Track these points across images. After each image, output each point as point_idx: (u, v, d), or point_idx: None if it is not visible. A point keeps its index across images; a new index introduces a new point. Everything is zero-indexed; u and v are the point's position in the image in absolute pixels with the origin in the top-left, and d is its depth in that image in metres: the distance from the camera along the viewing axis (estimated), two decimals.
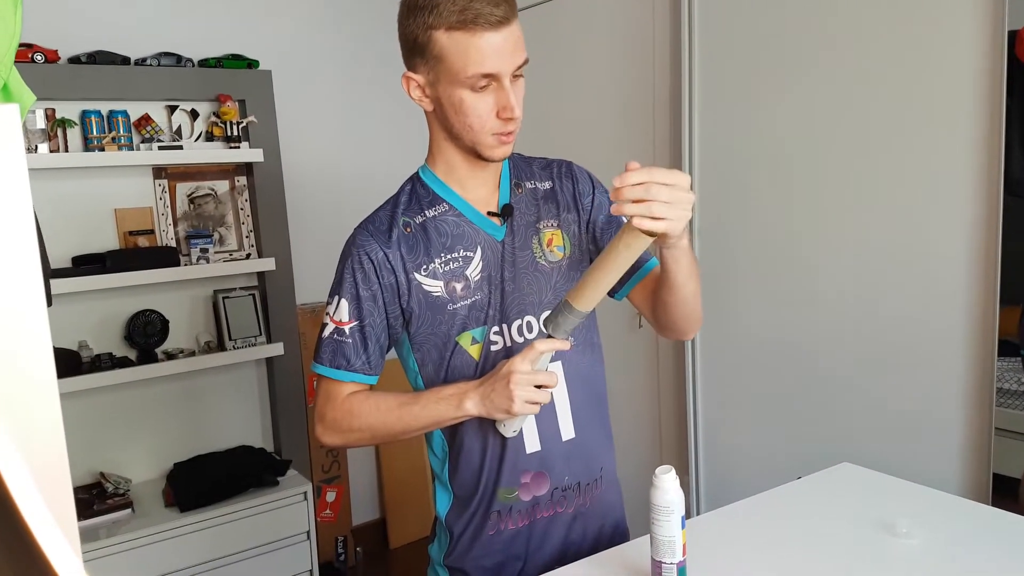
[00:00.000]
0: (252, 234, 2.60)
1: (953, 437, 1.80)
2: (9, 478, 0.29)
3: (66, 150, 2.23)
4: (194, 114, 2.46)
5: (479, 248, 1.14)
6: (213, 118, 2.46)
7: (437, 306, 1.12)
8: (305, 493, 2.46)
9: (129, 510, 2.26)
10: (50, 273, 1.28)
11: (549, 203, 1.20)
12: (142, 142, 2.34)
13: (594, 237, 1.21)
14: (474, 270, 1.13)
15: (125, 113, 2.31)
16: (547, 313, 1.12)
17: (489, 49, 1.00)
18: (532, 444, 1.17)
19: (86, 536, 2.14)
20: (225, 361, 2.49)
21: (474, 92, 1.03)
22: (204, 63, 2.44)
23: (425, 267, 1.12)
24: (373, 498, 3.06)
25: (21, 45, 2.13)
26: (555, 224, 1.19)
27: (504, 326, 1.15)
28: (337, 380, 1.13)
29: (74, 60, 2.23)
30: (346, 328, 1.12)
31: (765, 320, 2.22)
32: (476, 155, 1.11)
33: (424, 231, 1.13)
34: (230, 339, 2.50)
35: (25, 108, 1.04)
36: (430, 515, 3.26)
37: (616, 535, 1.31)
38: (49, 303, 1.26)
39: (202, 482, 2.35)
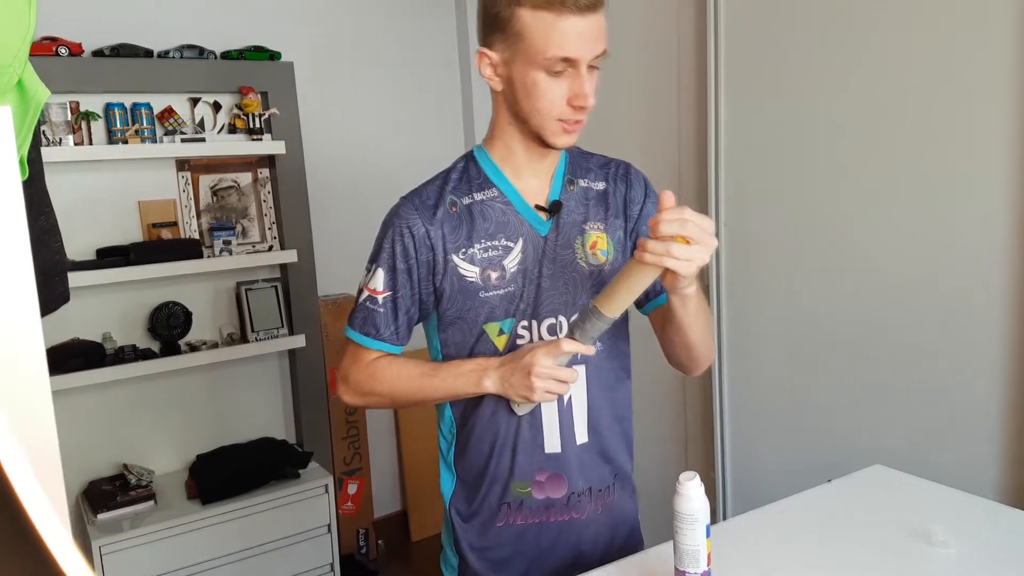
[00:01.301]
0: (275, 226, 2.60)
1: (991, 438, 1.74)
2: (15, 479, 0.29)
3: (90, 143, 2.24)
4: (217, 106, 2.46)
5: (521, 240, 1.13)
6: (235, 110, 2.45)
7: (469, 291, 1.11)
8: (326, 486, 2.46)
9: (152, 502, 2.27)
10: (67, 268, 1.27)
11: (599, 205, 1.18)
12: (165, 134, 2.34)
13: (634, 244, 1.18)
14: (512, 261, 1.12)
15: (148, 106, 2.31)
16: (575, 317, 1.11)
17: (572, 33, 1.00)
18: (552, 445, 1.16)
19: (109, 528, 2.15)
20: (248, 353, 2.49)
21: (549, 75, 1.02)
22: (226, 55, 2.43)
23: (464, 250, 1.11)
24: (394, 490, 3.06)
25: (45, 39, 2.14)
26: (601, 227, 1.17)
27: (534, 322, 1.14)
28: (365, 346, 1.15)
29: (98, 53, 2.23)
30: (379, 297, 1.13)
31: (793, 318, 2.17)
32: (540, 141, 1.09)
33: (470, 213, 1.13)
34: (252, 331, 2.50)
35: (40, 103, 1.03)
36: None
37: (630, 543, 1.29)
38: (66, 298, 1.26)
39: (224, 474, 2.36)
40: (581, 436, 1.17)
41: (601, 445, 1.20)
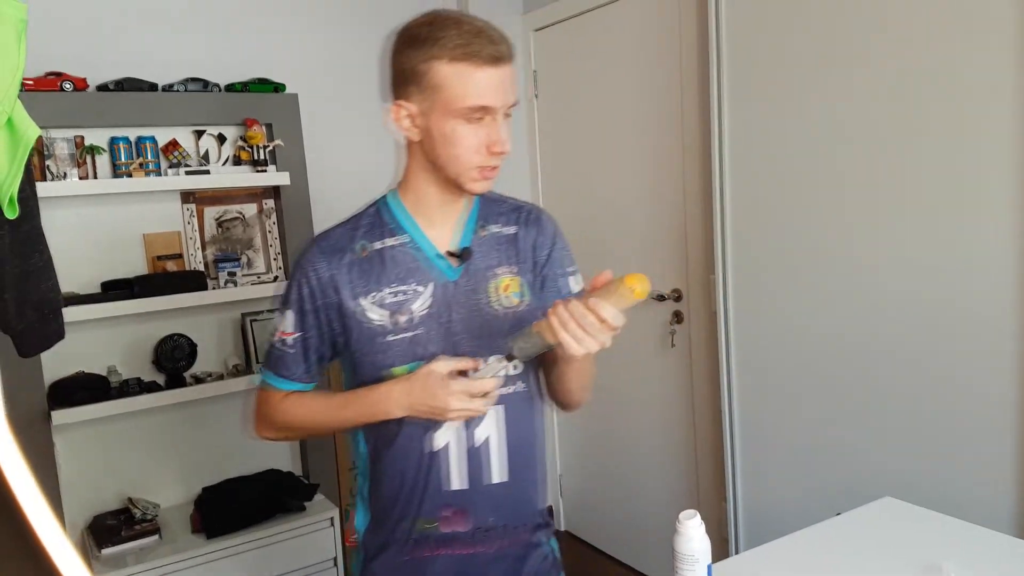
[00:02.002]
0: (280, 256, 2.60)
1: (1005, 470, 1.70)
2: (15, 487, 0.31)
3: (95, 177, 2.25)
4: (221, 138, 2.47)
5: (431, 285, 1.15)
6: (240, 142, 2.47)
7: (376, 333, 1.14)
8: (332, 518, 2.44)
9: (157, 536, 2.25)
10: (62, 305, 1.27)
11: (510, 249, 1.21)
12: (170, 167, 2.35)
13: (542, 285, 1.23)
14: (421, 305, 1.14)
15: (153, 139, 2.33)
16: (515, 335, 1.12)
17: (488, 83, 1.05)
18: (459, 482, 1.17)
19: (114, 563, 2.14)
20: (253, 384, 2.48)
21: (467, 123, 1.07)
22: (231, 88, 2.45)
23: (373, 294, 1.14)
24: None
25: (50, 74, 2.16)
26: (513, 271, 1.20)
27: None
28: (277, 386, 1.21)
29: (102, 88, 2.25)
30: (289, 339, 1.18)
31: (802, 345, 2.14)
32: (456, 187, 1.13)
33: (380, 258, 1.16)
34: (258, 362, 2.49)
35: (30, 141, 1.03)
36: None
37: (543, 569, 1.28)
38: (61, 335, 1.25)
39: (229, 507, 2.34)
40: (497, 475, 1.19)
41: (519, 484, 1.21)
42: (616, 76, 2.70)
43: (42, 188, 2.17)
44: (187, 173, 2.34)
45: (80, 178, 2.22)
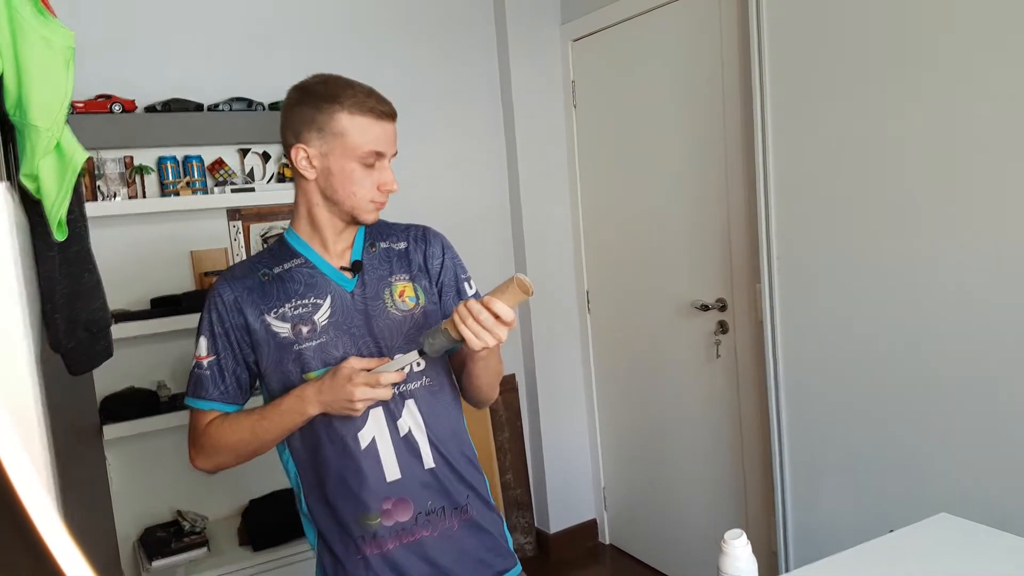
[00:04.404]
0: None
1: None
2: (18, 483, 0.31)
3: (143, 196, 2.31)
4: (266, 156, 2.52)
5: (329, 296, 1.29)
6: (284, 160, 2.51)
7: (284, 346, 1.27)
8: None
9: (205, 548, 2.28)
10: (110, 324, 1.32)
11: (402, 261, 1.37)
12: (216, 185, 2.40)
13: (440, 294, 1.39)
14: (322, 316, 1.28)
15: (199, 158, 2.38)
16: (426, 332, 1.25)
17: (383, 133, 1.26)
18: (392, 473, 1.28)
19: (164, 575, 2.18)
20: None
21: (363, 166, 1.25)
22: (274, 106, 2.49)
23: (276, 310, 1.28)
24: None
25: (100, 96, 2.23)
26: (407, 279, 1.35)
27: None
28: (199, 409, 1.30)
29: (150, 109, 2.31)
30: (204, 362, 1.29)
31: (852, 355, 2.08)
32: (351, 218, 1.30)
33: (280, 280, 1.30)
34: None
35: (78, 165, 1.05)
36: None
37: (497, 557, 1.38)
38: (110, 354, 1.29)
39: (275, 520, 2.36)
40: (427, 461, 1.31)
41: (450, 467, 1.33)
42: (656, 85, 2.68)
43: (92, 208, 2.25)
44: (232, 191, 2.39)
45: (129, 197, 2.28)
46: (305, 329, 1.27)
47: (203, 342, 1.29)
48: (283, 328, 1.27)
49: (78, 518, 2.30)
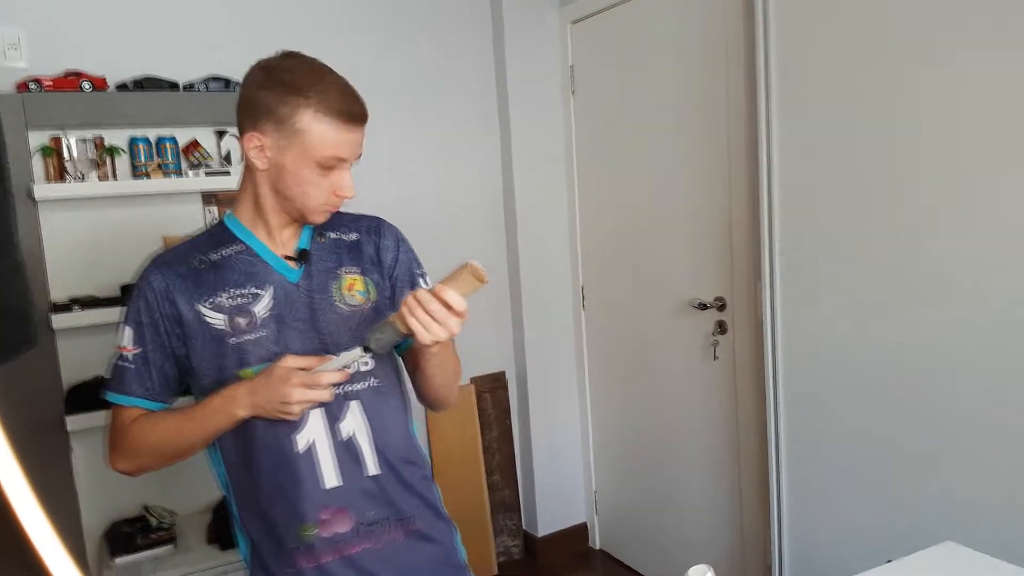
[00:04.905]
0: None
1: None
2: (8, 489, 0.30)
3: (114, 178, 2.21)
4: None
5: (271, 287, 1.18)
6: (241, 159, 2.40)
7: (218, 339, 1.15)
8: None
9: (171, 546, 2.20)
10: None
11: (352, 252, 1.26)
12: (190, 168, 2.30)
13: (393, 289, 1.28)
14: (263, 308, 1.17)
15: (174, 140, 2.27)
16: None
17: (348, 140, 1.13)
18: (331, 480, 1.18)
19: (128, 573, 2.09)
20: None
21: (320, 169, 1.13)
22: None
23: (210, 300, 1.16)
24: None
25: (69, 73, 2.12)
26: (357, 271, 1.24)
27: None
28: (121, 405, 1.17)
29: (122, 87, 2.20)
30: (129, 354, 1.16)
31: (857, 362, 1.95)
32: (300, 216, 1.18)
33: (216, 267, 1.18)
34: None
35: None
36: (488, 541, 3.10)
37: (448, 571, 1.29)
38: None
39: None
40: (371, 468, 1.20)
41: (395, 474, 1.22)
42: (657, 70, 2.55)
43: (60, 190, 2.15)
44: (207, 174, 2.28)
45: (99, 179, 2.17)
46: (243, 321, 1.16)
47: (127, 332, 1.16)
48: (218, 319, 1.15)
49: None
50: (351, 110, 1.12)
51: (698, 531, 2.61)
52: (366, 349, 1.10)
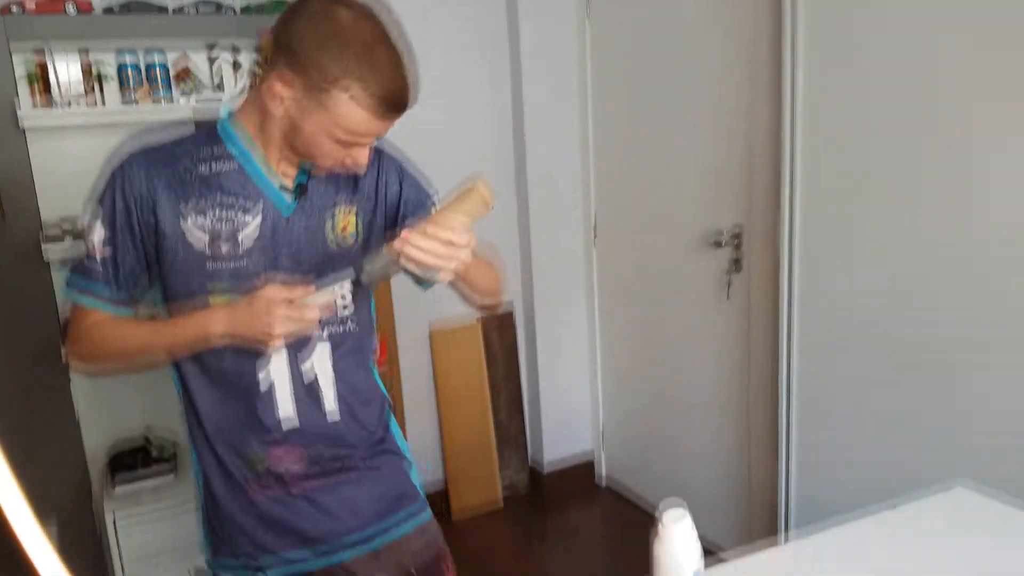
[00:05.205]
0: None
1: None
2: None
3: (103, 104, 2.13)
4: (236, 66, 2.31)
5: (260, 216, 1.09)
6: (256, 67, 2.30)
7: (196, 259, 1.07)
8: None
9: (172, 475, 2.21)
10: None
11: (348, 187, 1.16)
12: (182, 95, 2.22)
13: (395, 226, 1.18)
14: (248, 236, 1.08)
15: (164, 66, 2.18)
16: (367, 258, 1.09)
17: (379, 128, 1.03)
18: (288, 419, 1.13)
19: (127, 500, 2.10)
20: None
21: (339, 143, 1.04)
22: (247, 10, 2.27)
23: (194, 216, 1.06)
24: (437, 467, 2.93)
25: None
26: (351, 209, 1.15)
27: None
28: (83, 306, 1.09)
29: (108, 11, 2.11)
30: (98, 256, 1.07)
31: (876, 303, 1.86)
32: (304, 159, 1.09)
33: (204, 182, 1.07)
34: None
35: None
36: (494, 476, 3.09)
37: (404, 502, 1.25)
38: None
39: None
40: (330, 413, 1.16)
41: (355, 419, 1.18)
42: (678, 30, 2.40)
43: (48, 117, 2.08)
44: (198, 101, 2.20)
45: (87, 106, 2.10)
46: (224, 247, 1.07)
47: (100, 231, 1.06)
48: (199, 239, 1.06)
49: (41, 441, 2.23)
50: (393, 101, 1.00)
51: (705, 469, 2.57)
52: (356, 283, 1.05)
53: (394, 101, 1.01)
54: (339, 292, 1.09)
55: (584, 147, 2.91)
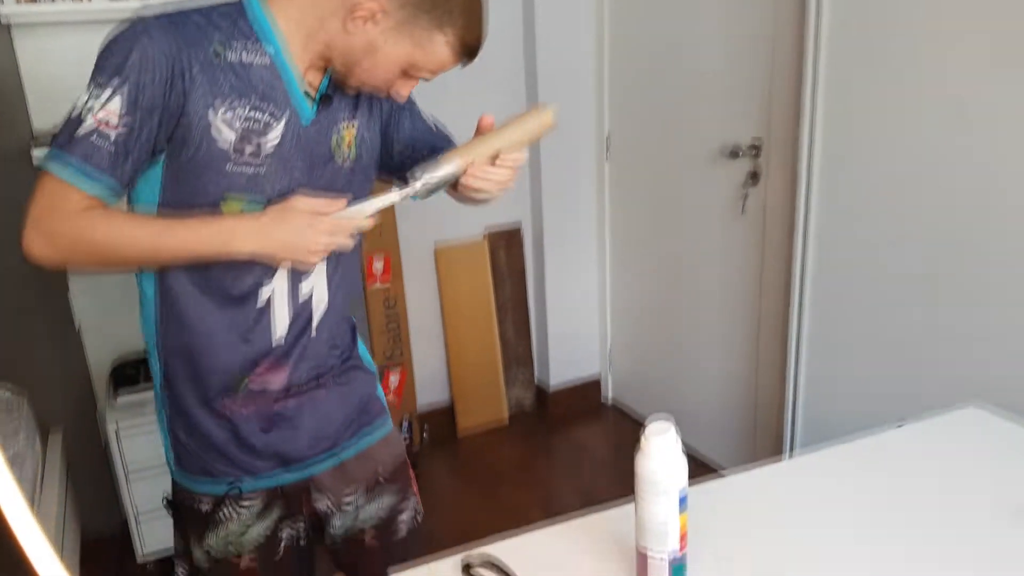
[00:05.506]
0: None
1: None
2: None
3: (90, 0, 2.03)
4: None
5: (284, 122, 1.00)
6: None
7: (215, 158, 0.95)
8: None
9: None
10: None
11: (351, 103, 1.09)
12: None
13: (388, 124, 1.16)
14: (270, 141, 0.99)
15: None
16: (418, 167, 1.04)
17: (448, 68, 1.01)
18: (277, 336, 1.07)
19: (129, 411, 2.10)
20: None
21: (402, 74, 1.00)
22: None
23: (224, 110, 0.95)
24: (443, 382, 2.92)
25: None
26: (352, 125, 1.09)
27: None
28: (76, 187, 0.91)
29: None
30: (111, 132, 0.90)
31: (895, 219, 1.78)
32: (339, 76, 1.02)
33: (235, 71, 0.95)
34: None
35: None
36: (499, 393, 3.08)
37: (367, 415, 1.21)
38: None
39: None
40: (316, 330, 1.11)
41: (331, 334, 1.14)
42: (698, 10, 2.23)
43: (32, 12, 1.98)
44: None
45: (74, 1, 2.00)
46: (248, 149, 0.96)
47: (117, 102, 0.89)
48: (226, 137, 0.95)
49: (43, 354, 2.22)
50: (475, 49, 1.00)
51: (712, 389, 2.54)
52: (413, 194, 1.01)
53: (475, 49, 1.01)
54: (371, 209, 1.01)
55: (599, 57, 2.77)
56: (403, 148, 1.16)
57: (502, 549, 0.93)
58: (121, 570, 2.21)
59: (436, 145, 1.14)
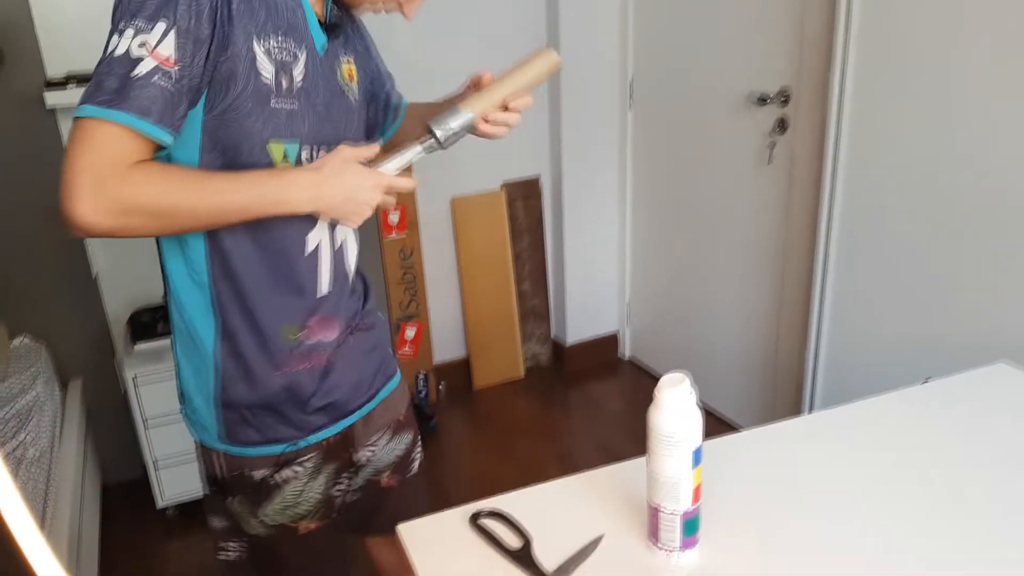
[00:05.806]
0: None
1: None
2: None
3: None
4: None
5: (305, 51, 0.94)
6: None
7: (261, 95, 0.88)
8: None
9: None
10: None
11: (340, 39, 1.03)
12: None
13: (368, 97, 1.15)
14: (299, 73, 0.93)
15: None
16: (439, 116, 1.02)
17: None
18: (324, 287, 1.03)
19: (146, 359, 2.11)
20: None
21: None
22: None
23: (264, 42, 0.88)
24: (459, 336, 2.91)
25: None
26: (351, 60, 1.05)
27: (322, 151, 0.98)
28: (138, 132, 0.80)
29: None
30: (172, 70, 0.80)
31: (926, 172, 1.70)
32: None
33: (265, 2, 0.89)
34: None
35: None
36: (515, 347, 3.06)
37: (386, 367, 1.19)
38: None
39: None
40: (351, 277, 1.10)
41: (354, 283, 1.12)
42: None
43: None
44: None
45: None
46: (285, 83, 0.90)
47: (171, 38, 0.80)
48: (268, 70, 0.88)
49: (61, 302, 2.23)
50: None
51: (732, 344, 2.50)
52: (433, 145, 1.01)
53: None
54: (400, 164, 0.98)
55: (623, 1, 2.67)
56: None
57: (514, 501, 0.91)
58: (143, 515, 2.25)
59: (385, 94, 1.19)
